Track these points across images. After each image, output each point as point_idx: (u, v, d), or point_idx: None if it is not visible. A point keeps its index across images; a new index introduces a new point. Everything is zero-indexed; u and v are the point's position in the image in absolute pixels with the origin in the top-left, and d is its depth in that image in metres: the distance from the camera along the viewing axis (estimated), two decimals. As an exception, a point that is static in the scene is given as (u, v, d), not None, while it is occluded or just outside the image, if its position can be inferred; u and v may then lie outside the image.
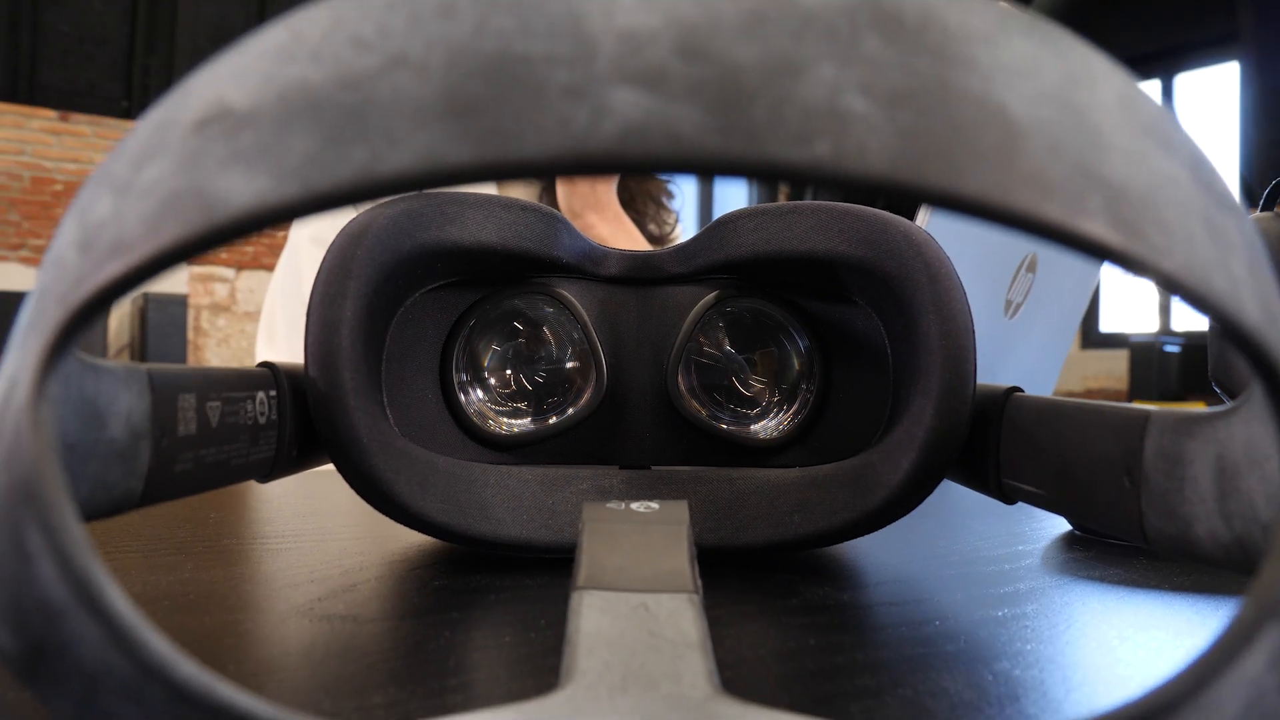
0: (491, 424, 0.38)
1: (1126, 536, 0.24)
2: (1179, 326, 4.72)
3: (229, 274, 4.80)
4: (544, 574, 0.33)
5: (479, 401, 0.38)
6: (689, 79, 0.12)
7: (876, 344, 0.37)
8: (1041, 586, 0.33)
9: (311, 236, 0.94)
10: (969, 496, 0.49)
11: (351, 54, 0.13)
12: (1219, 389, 0.42)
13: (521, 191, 0.93)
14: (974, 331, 0.33)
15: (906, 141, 0.12)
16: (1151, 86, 5.21)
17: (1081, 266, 0.76)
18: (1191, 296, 0.13)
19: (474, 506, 0.34)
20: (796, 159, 0.12)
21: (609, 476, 0.36)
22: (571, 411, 0.38)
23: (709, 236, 0.38)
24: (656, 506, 0.25)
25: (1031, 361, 0.76)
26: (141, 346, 4.13)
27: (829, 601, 0.30)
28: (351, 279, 0.31)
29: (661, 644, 0.17)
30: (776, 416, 0.39)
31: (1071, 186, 0.12)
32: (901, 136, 0.12)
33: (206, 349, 4.71)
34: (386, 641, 0.26)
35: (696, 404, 0.39)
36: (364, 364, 0.32)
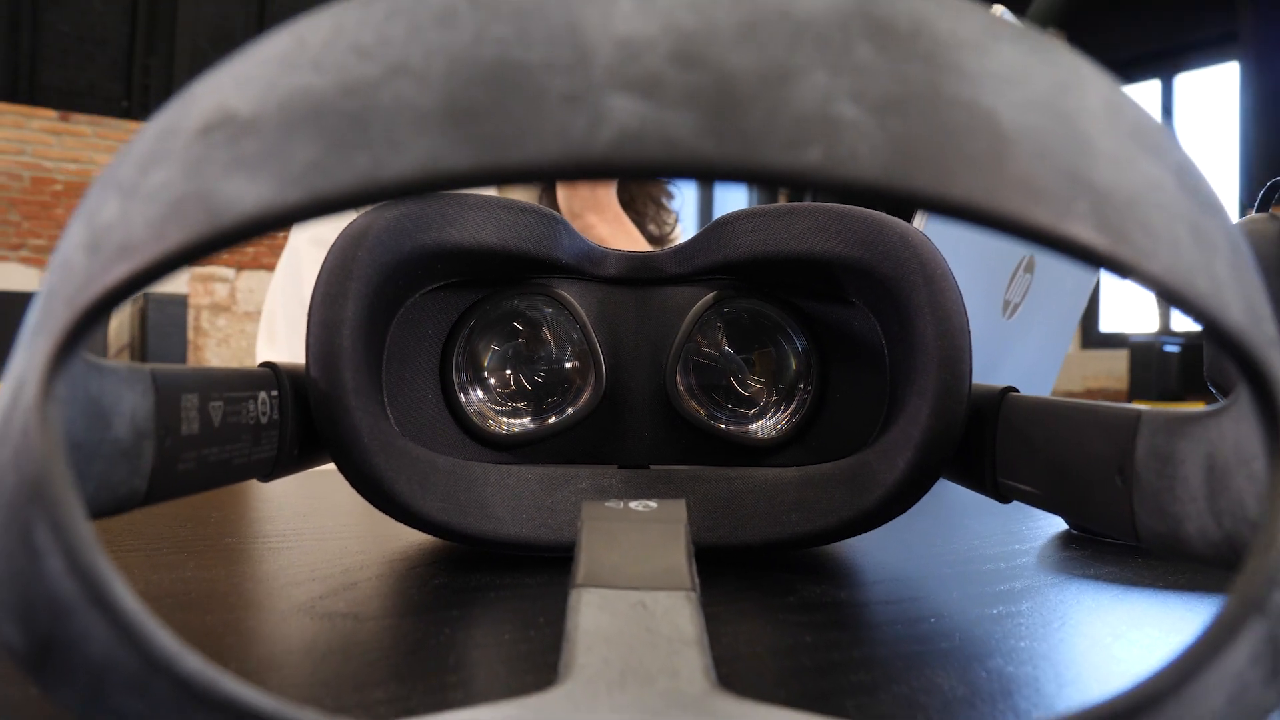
0: (491, 424, 0.38)
1: (1119, 535, 0.24)
2: (1179, 327, 4.72)
3: (229, 274, 4.81)
4: (543, 572, 0.33)
5: (479, 401, 0.39)
6: (684, 86, 0.12)
7: (873, 344, 0.38)
8: (1037, 585, 0.33)
9: (312, 238, 0.94)
10: (966, 496, 0.50)
11: (353, 61, 0.13)
12: (1214, 389, 0.43)
13: (522, 193, 0.93)
14: (969, 332, 0.33)
15: (897, 147, 0.12)
16: (1151, 86, 5.21)
17: (1079, 267, 0.76)
18: (1175, 298, 0.13)
19: (474, 505, 0.34)
20: (789, 164, 0.12)
21: (608, 476, 0.37)
22: (571, 411, 0.38)
23: (707, 237, 0.38)
24: (655, 505, 0.25)
25: (1030, 362, 0.76)
26: (141, 346, 4.13)
27: (826, 599, 0.31)
28: (352, 280, 0.32)
29: (659, 640, 0.18)
30: (774, 416, 0.39)
31: (1059, 191, 0.13)
32: (892, 142, 0.12)
33: (206, 349, 4.71)
34: (387, 639, 0.26)
35: (695, 404, 0.39)
36: (365, 364, 0.32)
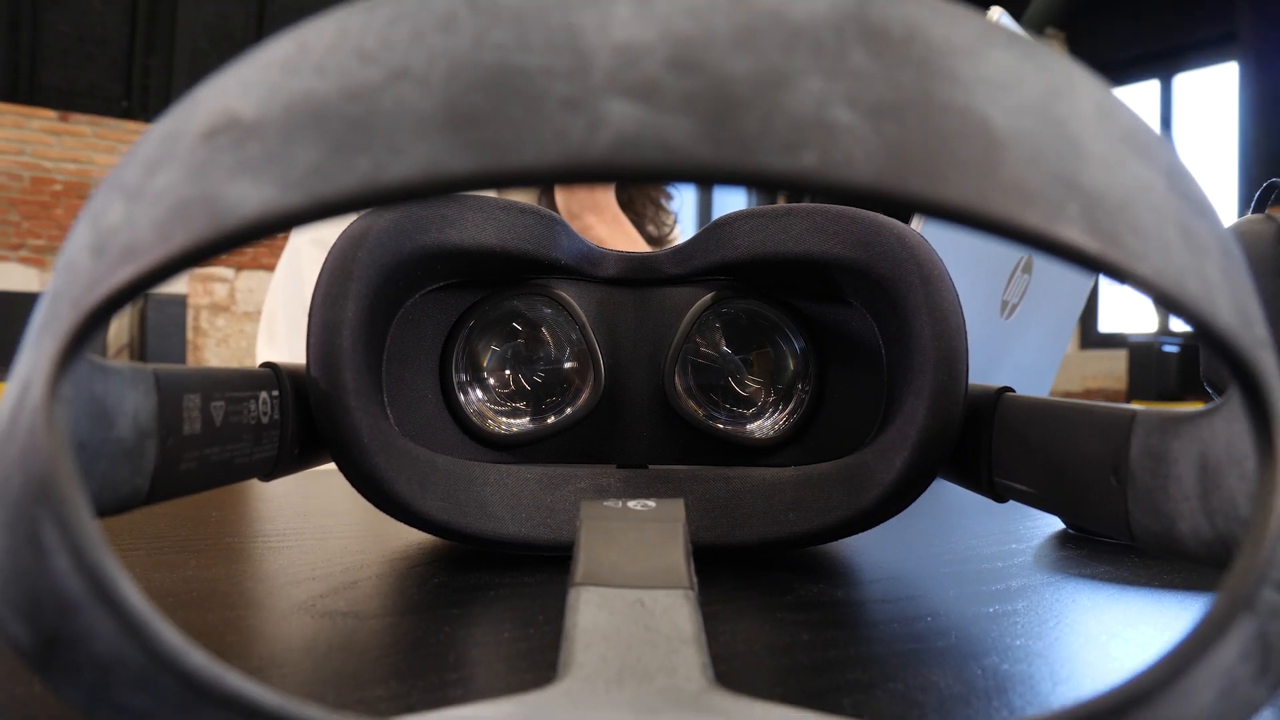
0: (491, 423, 0.39)
1: (1113, 534, 0.24)
2: (1177, 327, 4.72)
3: (228, 274, 4.81)
4: (542, 571, 0.33)
5: (478, 401, 0.39)
6: (682, 91, 0.12)
7: (871, 345, 0.38)
8: (1033, 584, 0.33)
9: (312, 238, 0.94)
10: (964, 496, 0.50)
11: (356, 66, 0.13)
12: (1210, 389, 0.43)
13: (522, 194, 0.93)
14: (966, 333, 0.33)
15: (891, 151, 0.12)
16: (1150, 87, 5.21)
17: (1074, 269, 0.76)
18: (1165, 299, 0.13)
19: (473, 505, 0.34)
20: (785, 168, 0.12)
21: (607, 475, 0.37)
22: (570, 411, 0.39)
23: (706, 238, 0.38)
24: (653, 504, 0.25)
25: (1028, 362, 0.76)
26: (141, 346, 4.13)
27: (823, 598, 0.31)
28: (353, 281, 0.32)
29: (657, 638, 0.18)
30: (772, 416, 0.40)
31: (1050, 194, 0.13)
32: (886, 146, 0.12)
33: (206, 349, 4.71)
34: (387, 637, 0.26)
35: (693, 404, 0.39)
36: (365, 364, 0.32)
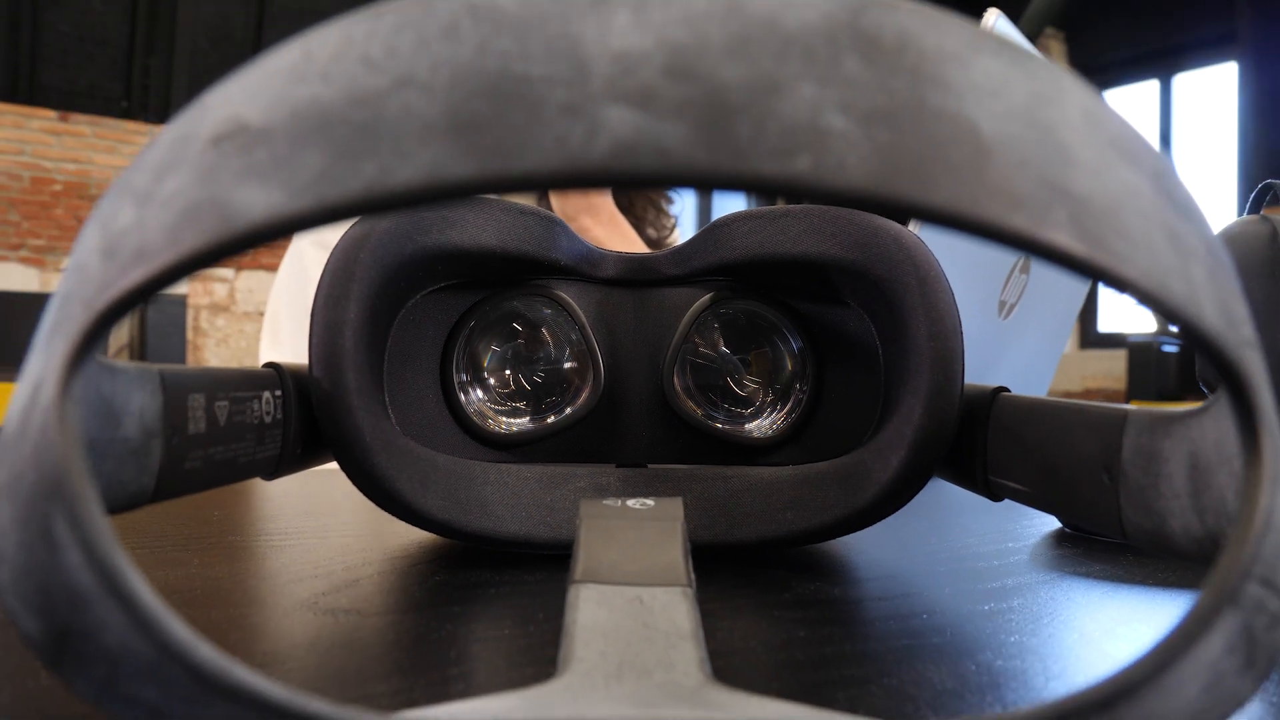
0: (491, 423, 0.39)
1: (1106, 532, 0.25)
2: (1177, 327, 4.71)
3: (228, 274, 4.81)
4: (542, 569, 0.34)
5: (479, 401, 0.39)
6: (678, 98, 0.13)
7: (868, 345, 0.38)
8: (1028, 582, 0.34)
9: (315, 240, 0.94)
10: (962, 495, 0.50)
11: (361, 73, 0.14)
12: (1206, 389, 0.43)
13: (520, 195, 0.93)
14: (962, 333, 0.33)
15: (882, 156, 0.13)
16: (1150, 87, 5.22)
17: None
18: (1151, 301, 0.14)
19: (474, 503, 0.34)
20: (778, 173, 0.13)
21: (606, 474, 0.37)
22: (569, 411, 0.39)
23: (704, 239, 0.39)
24: (652, 503, 0.25)
25: (1026, 362, 0.76)
26: (141, 346, 4.14)
27: (820, 596, 0.31)
28: (355, 282, 0.32)
29: (655, 635, 0.18)
30: (770, 416, 0.40)
31: (1038, 199, 0.13)
32: (878, 152, 0.13)
33: (206, 349, 4.72)
34: (390, 634, 0.27)
35: (692, 403, 0.39)
36: (367, 365, 0.33)
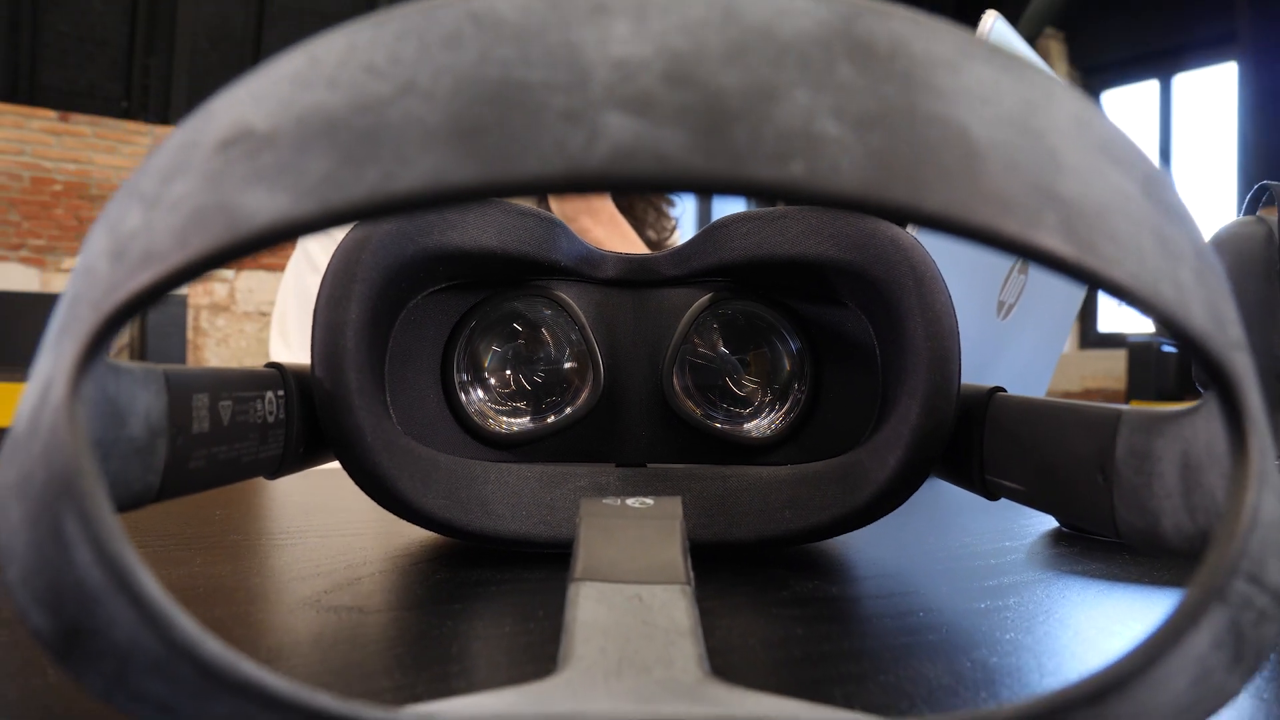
0: (491, 423, 0.39)
1: (1100, 530, 0.25)
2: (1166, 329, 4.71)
3: (228, 274, 4.81)
4: (543, 568, 0.34)
5: (479, 401, 0.39)
6: (676, 104, 0.13)
7: (866, 345, 0.38)
8: (1025, 580, 0.34)
9: (321, 240, 0.95)
10: (961, 495, 0.50)
11: (365, 80, 0.14)
12: (1201, 389, 0.43)
13: (520, 197, 0.93)
14: (959, 333, 0.34)
15: (875, 161, 0.13)
16: (1149, 87, 5.22)
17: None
18: (1140, 304, 0.14)
19: (475, 503, 0.35)
20: (774, 178, 0.13)
21: (606, 474, 0.37)
22: (569, 411, 0.39)
23: (703, 240, 0.39)
24: (651, 502, 0.26)
25: (1024, 362, 0.76)
26: (141, 346, 4.14)
27: (818, 594, 0.31)
28: (356, 283, 0.32)
29: (654, 632, 0.18)
30: (769, 415, 0.40)
31: (1028, 203, 0.13)
32: (871, 157, 0.13)
33: (206, 349, 4.72)
34: (392, 631, 0.27)
35: (691, 403, 0.40)
36: (368, 365, 0.33)
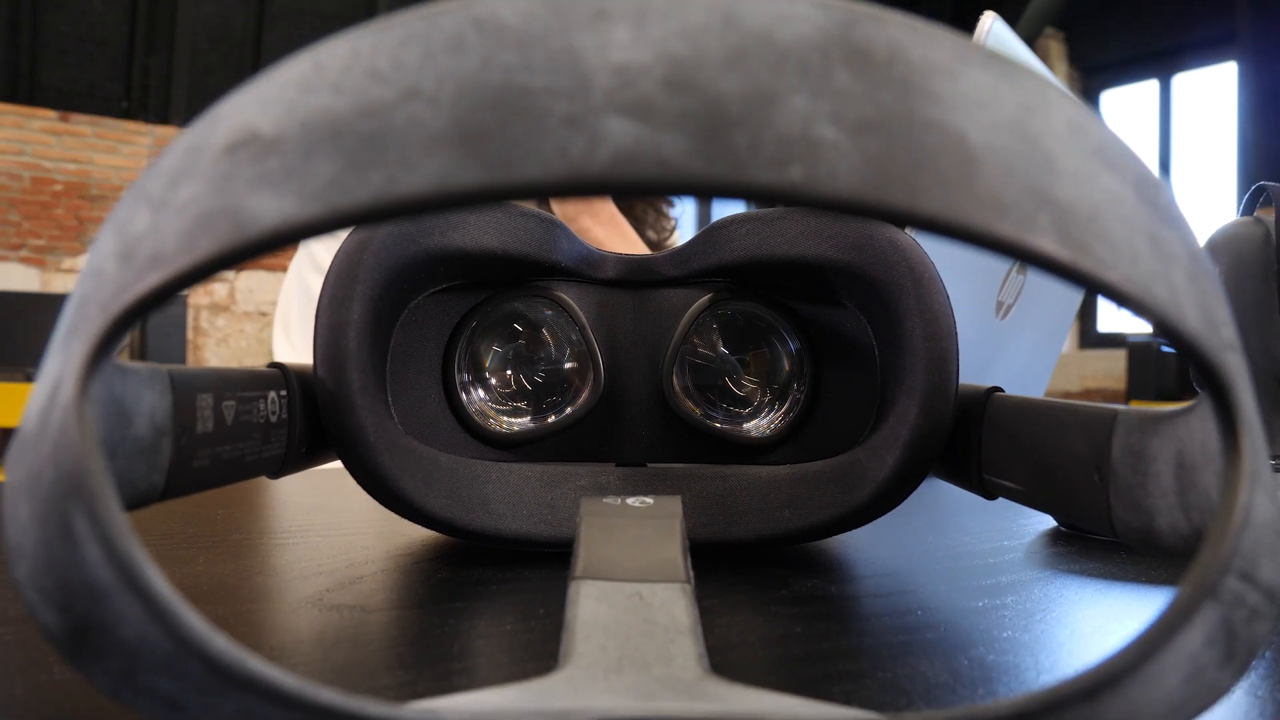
0: (492, 422, 0.39)
1: (1097, 529, 0.25)
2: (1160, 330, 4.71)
3: (229, 274, 4.81)
4: (544, 567, 0.34)
5: (480, 401, 0.40)
6: (676, 109, 0.13)
7: (864, 346, 0.39)
8: (1023, 579, 0.34)
9: (324, 239, 0.95)
10: (957, 494, 0.51)
11: (369, 85, 0.14)
12: (1198, 389, 0.44)
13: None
14: (957, 334, 0.34)
15: (872, 166, 0.13)
16: (1149, 87, 5.22)
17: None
18: (1134, 305, 0.14)
19: (476, 502, 0.35)
20: (773, 182, 0.13)
21: (606, 473, 0.38)
22: (570, 410, 0.39)
23: (703, 241, 0.39)
24: (651, 501, 0.26)
25: (1023, 362, 0.77)
26: (141, 346, 4.14)
27: (817, 593, 0.32)
28: (358, 284, 0.33)
29: (654, 630, 0.19)
30: (768, 415, 0.40)
31: (1023, 206, 0.14)
32: (868, 161, 0.13)
33: (206, 349, 4.72)
34: (394, 629, 0.27)
35: (691, 403, 0.40)
36: (370, 365, 0.33)
